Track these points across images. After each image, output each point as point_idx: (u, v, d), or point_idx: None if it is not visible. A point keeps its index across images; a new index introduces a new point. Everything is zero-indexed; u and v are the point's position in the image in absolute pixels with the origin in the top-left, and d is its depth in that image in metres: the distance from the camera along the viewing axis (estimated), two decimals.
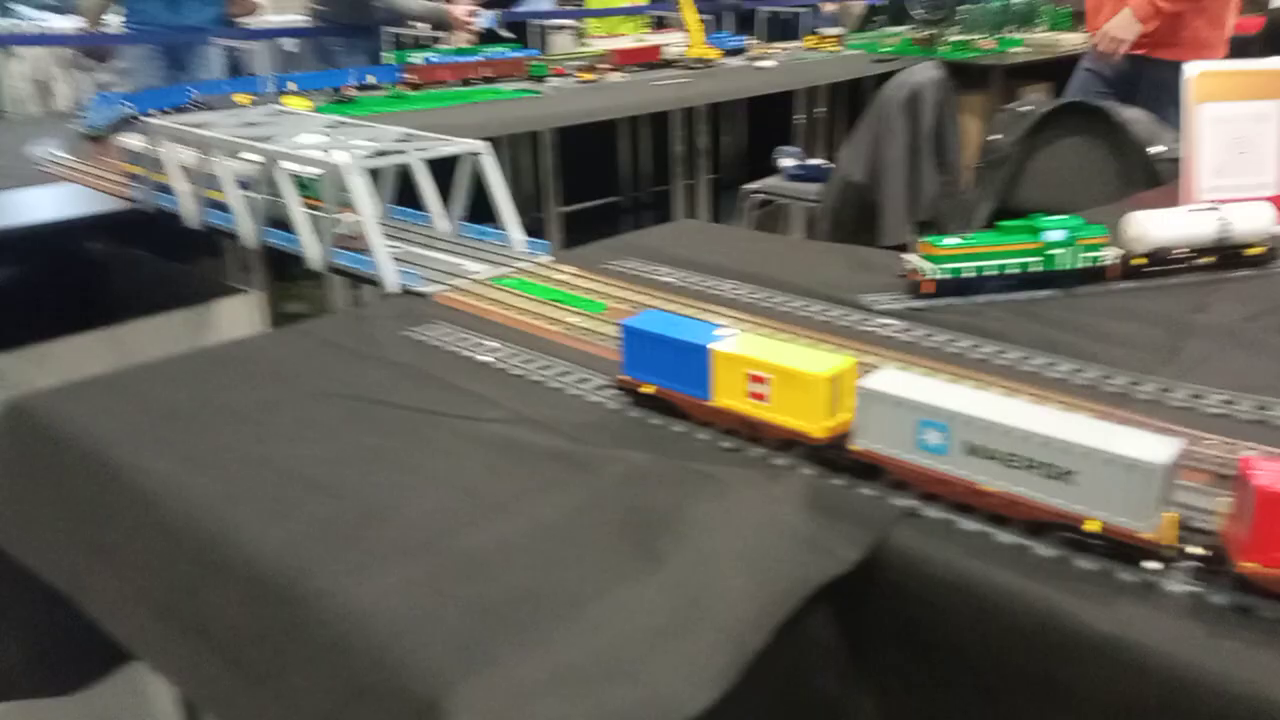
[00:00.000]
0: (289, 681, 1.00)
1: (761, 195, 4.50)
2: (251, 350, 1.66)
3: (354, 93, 4.14)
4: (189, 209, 2.41)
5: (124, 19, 5.00)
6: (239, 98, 3.89)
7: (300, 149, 2.18)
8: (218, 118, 2.60)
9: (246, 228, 2.20)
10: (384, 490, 1.18)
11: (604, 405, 1.41)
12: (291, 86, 4.01)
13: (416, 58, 4.45)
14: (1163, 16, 3.54)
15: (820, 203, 3.99)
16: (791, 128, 5.86)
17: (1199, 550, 1.00)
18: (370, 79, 4.27)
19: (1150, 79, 3.72)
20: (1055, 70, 6.17)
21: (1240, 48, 4.97)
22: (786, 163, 4.56)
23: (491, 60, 4.61)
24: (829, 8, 7.98)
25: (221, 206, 2.31)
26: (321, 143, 2.28)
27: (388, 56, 5.04)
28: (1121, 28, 3.54)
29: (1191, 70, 2.29)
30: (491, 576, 1.03)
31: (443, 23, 5.35)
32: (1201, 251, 1.90)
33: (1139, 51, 3.75)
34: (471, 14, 5.45)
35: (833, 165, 4.16)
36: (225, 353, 1.65)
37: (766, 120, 5.85)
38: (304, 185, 2.15)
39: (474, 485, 1.20)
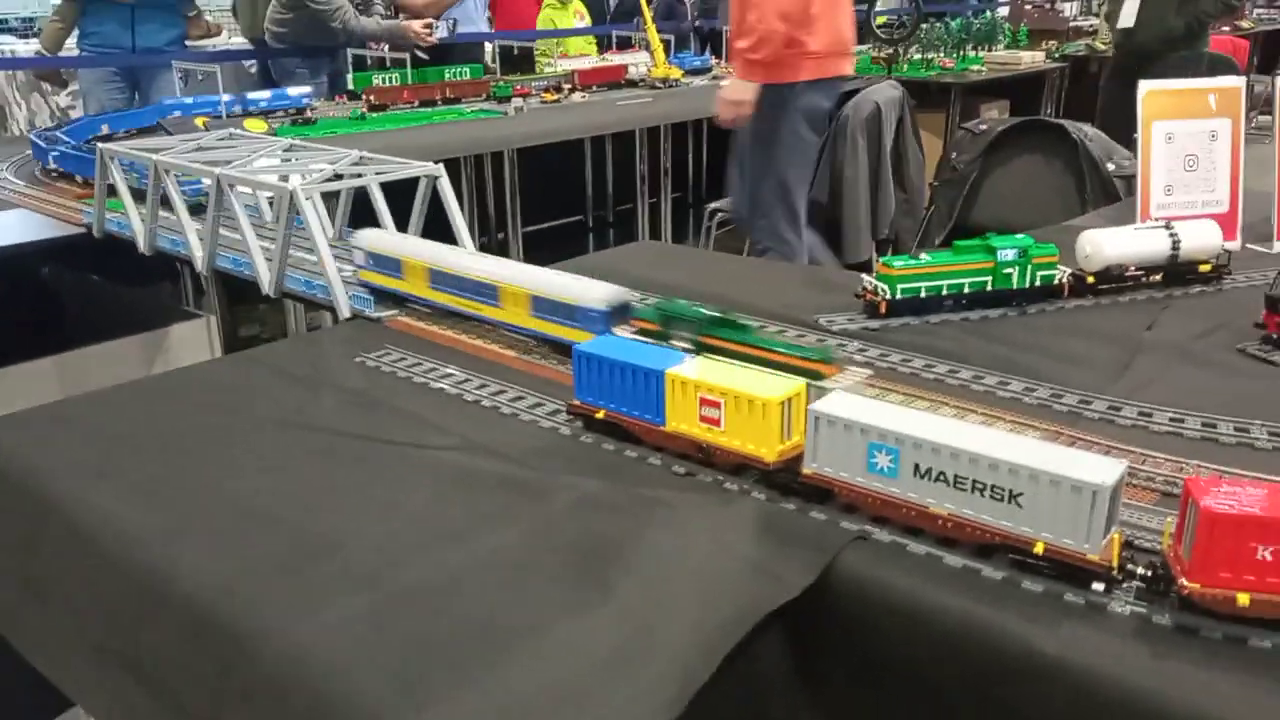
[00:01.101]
0: None
1: (725, 214, 4.52)
2: (198, 378, 1.64)
3: (313, 115, 4.11)
4: (141, 234, 2.38)
5: (80, 41, 4.95)
6: (198, 120, 3.85)
7: (255, 173, 2.16)
8: (172, 142, 2.57)
9: (198, 254, 2.17)
10: (330, 522, 1.16)
11: (557, 431, 1.40)
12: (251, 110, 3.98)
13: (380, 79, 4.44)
14: (766, 63, 3.17)
15: None
16: None
17: (1144, 571, 1.00)
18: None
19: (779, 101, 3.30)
20: (1015, 88, 6.27)
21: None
22: None
23: (454, 81, 4.60)
24: None
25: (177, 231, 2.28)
26: (276, 166, 2.26)
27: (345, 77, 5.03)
28: (737, 91, 3.18)
29: (1143, 89, 2.32)
30: (436, 609, 1.01)
31: (402, 39, 5.34)
32: (1152, 269, 1.92)
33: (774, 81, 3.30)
34: (427, 26, 5.45)
35: None
36: (171, 381, 1.62)
37: (731, 139, 5.87)
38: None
39: (422, 515, 1.18)
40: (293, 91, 4.28)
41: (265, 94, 4.24)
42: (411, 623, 0.99)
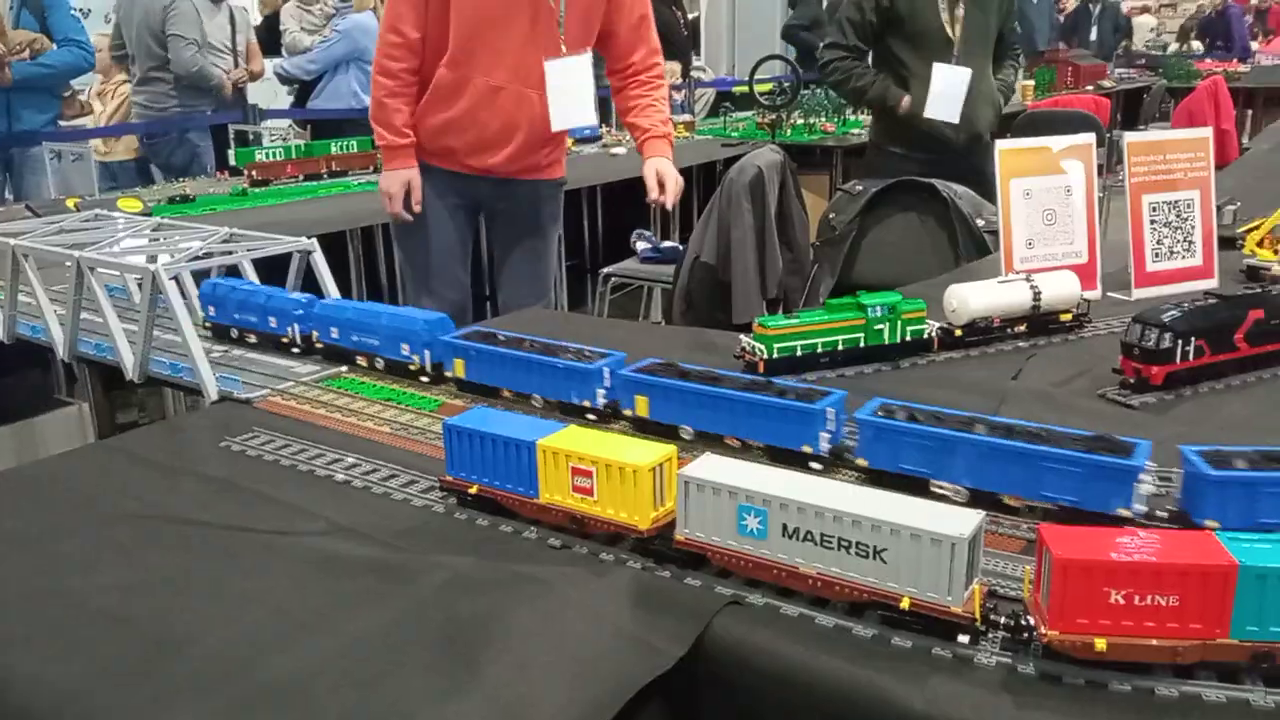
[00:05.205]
0: None
1: (618, 278, 4.55)
2: (50, 471, 1.55)
3: (191, 192, 4.02)
4: None
5: None
6: (69, 201, 3.73)
7: (119, 255, 2.09)
8: (35, 224, 2.48)
9: (59, 340, 2.08)
10: (182, 618, 1.10)
11: (430, 508, 1.37)
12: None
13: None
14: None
15: (674, 284, 4.04)
16: (649, 211, 5.98)
17: (1007, 620, 1.01)
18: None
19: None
20: None
21: None
22: (641, 245, 4.63)
23: (339, 155, 4.55)
24: (678, 95, 8.23)
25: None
26: (144, 247, 2.20)
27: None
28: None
29: (1000, 147, 2.42)
30: (294, 706, 0.96)
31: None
32: (1016, 320, 1.99)
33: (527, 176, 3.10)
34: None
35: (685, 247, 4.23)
36: (21, 475, 1.54)
37: (622, 205, 5.94)
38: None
39: (282, 606, 1.13)
40: None
41: None
42: None
